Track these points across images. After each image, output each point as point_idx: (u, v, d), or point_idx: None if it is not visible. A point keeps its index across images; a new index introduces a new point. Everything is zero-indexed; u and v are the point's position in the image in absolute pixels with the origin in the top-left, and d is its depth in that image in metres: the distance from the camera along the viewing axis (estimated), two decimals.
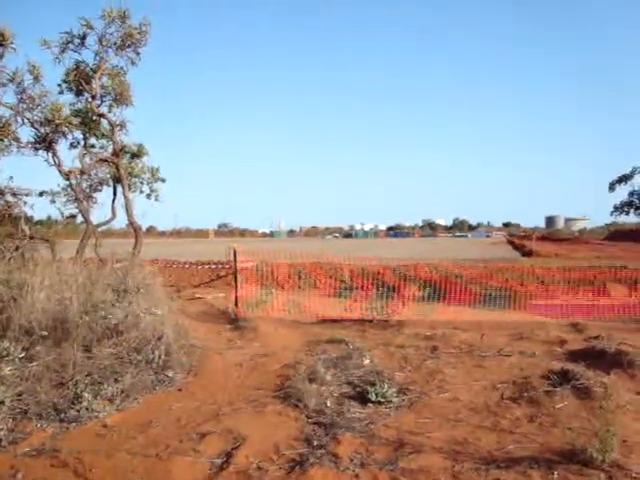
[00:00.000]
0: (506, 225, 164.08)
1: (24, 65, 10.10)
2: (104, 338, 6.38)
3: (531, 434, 4.67)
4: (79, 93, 11.54)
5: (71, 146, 12.20)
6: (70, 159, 15.39)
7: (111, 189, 12.97)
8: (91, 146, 12.68)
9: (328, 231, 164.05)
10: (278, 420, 5.07)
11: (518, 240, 66.97)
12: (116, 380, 5.68)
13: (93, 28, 10.53)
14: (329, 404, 5.42)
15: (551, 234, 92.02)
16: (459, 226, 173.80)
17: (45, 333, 5.90)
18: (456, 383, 6.21)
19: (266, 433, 4.69)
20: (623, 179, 30.05)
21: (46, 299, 6.53)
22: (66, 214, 12.61)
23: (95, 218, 12.22)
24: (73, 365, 5.70)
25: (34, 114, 10.33)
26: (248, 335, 9.20)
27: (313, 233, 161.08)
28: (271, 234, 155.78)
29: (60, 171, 10.89)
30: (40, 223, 13.12)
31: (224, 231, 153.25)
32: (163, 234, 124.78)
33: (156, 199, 13.44)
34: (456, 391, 5.91)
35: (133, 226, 11.82)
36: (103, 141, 12.84)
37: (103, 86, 11.22)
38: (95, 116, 11.63)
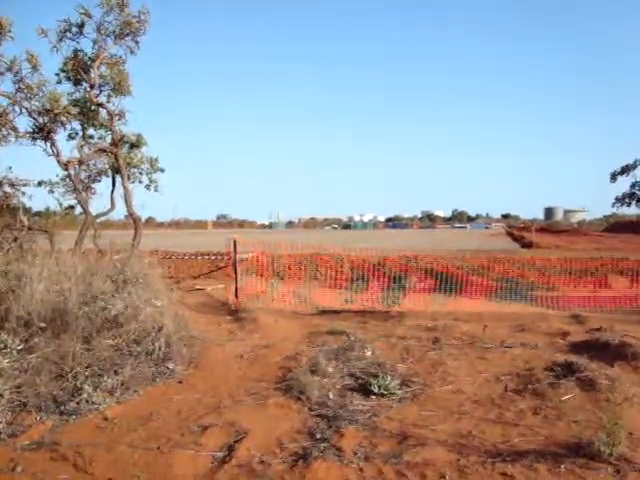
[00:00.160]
0: (505, 216, 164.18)
1: (22, 54, 9.97)
2: (103, 329, 6.31)
3: (536, 427, 4.62)
4: (77, 83, 11.39)
5: (69, 137, 12.07)
6: (68, 149, 15.27)
7: (110, 180, 12.84)
8: (89, 137, 12.54)
9: (327, 222, 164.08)
10: (280, 413, 5.01)
11: (517, 231, 66.91)
12: (116, 372, 5.62)
13: (91, 16, 10.38)
14: (331, 396, 5.37)
15: (550, 226, 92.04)
16: (458, 217, 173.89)
17: (44, 325, 5.82)
18: (459, 375, 6.16)
19: (268, 426, 4.63)
20: (625, 170, 29.98)
21: (45, 290, 6.45)
22: (65, 205, 12.49)
23: (94, 209, 12.09)
24: (72, 357, 5.64)
25: (32, 103, 10.21)
26: (248, 326, 9.15)
27: (312, 224, 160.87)
28: (270, 225, 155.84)
29: (59, 161, 10.78)
30: (38, 214, 13.01)
31: (223, 222, 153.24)
32: (162, 225, 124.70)
33: (155, 190, 13.29)
34: (459, 383, 5.86)
35: (132, 217, 11.72)
36: (101, 131, 12.69)
37: (102, 75, 11.08)
38: (94, 106, 11.48)
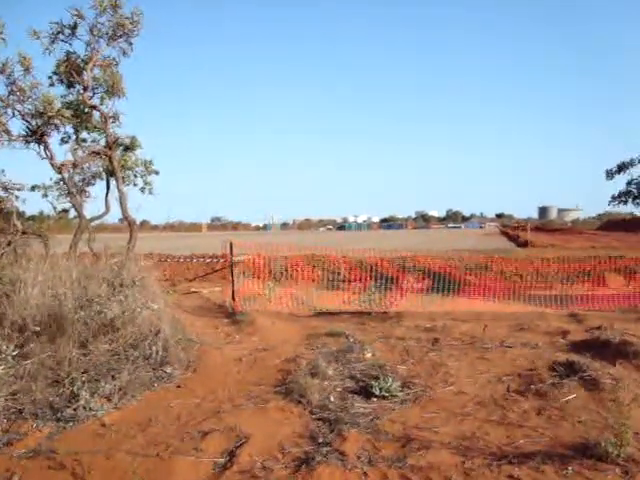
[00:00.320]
0: (499, 216, 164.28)
1: (14, 56, 9.85)
2: (100, 334, 6.23)
3: (540, 428, 4.58)
4: (70, 85, 11.28)
5: (62, 141, 11.97)
6: (62, 153, 15.17)
7: (104, 183, 12.75)
8: (82, 140, 12.44)
9: (321, 223, 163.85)
10: (281, 416, 4.94)
11: (512, 231, 66.96)
12: (113, 377, 5.55)
13: (84, 18, 10.25)
14: (332, 399, 5.30)
15: (544, 225, 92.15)
16: (452, 217, 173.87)
17: (38, 329, 5.74)
18: (460, 376, 6.10)
19: (269, 430, 4.56)
20: (622, 168, 30.07)
21: (40, 295, 6.37)
22: (59, 208, 12.40)
23: (88, 212, 12.01)
24: (69, 362, 5.57)
25: (25, 106, 10.06)
26: (246, 329, 9.06)
27: (306, 226, 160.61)
28: (264, 227, 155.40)
29: (52, 164, 10.65)
30: (32, 218, 12.90)
31: (217, 225, 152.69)
32: (156, 228, 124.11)
33: (150, 192, 13.19)
34: (461, 384, 5.81)
35: (128, 220, 11.60)
36: (95, 134, 12.59)
37: (95, 77, 10.97)
38: (87, 108, 11.37)
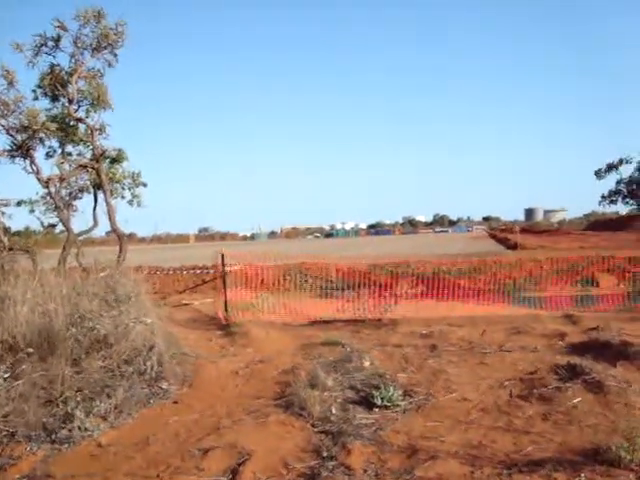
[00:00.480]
0: (486, 219, 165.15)
1: None
2: (93, 351, 6.07)
3: (547, 433, 4.50)
4: (55, 98, 11.15)
5: (47, 155, 11.82)
6: (47, 167, 14.98)
7: (91, 196, 12.60)
8: (68, 154, 12.28)
9: (309, 231, 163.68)
10: (282, 431, 4.82)
11: (500, 233, 67.28)
12: (108, 395, 5.39)
13: (67, 30, 10.16)
14: (334, 411, 5.18)
15: (532, 226, 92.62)
16: (439, 222, 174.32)
17: (31, 350, 5.57)
18: (462, 382, 6.02)
19: (271, 445, 4.44)
20: (612, 168, 30.42)
21: (29, 312, 6.21)
22: (46, 223, 12.22)
23: (75, 226, 11.85)
24: (62, 381, 5.40)
25: (9, 120, 9.95)
26: (240, 341, 8.93)
27: (294, 234, 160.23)
28: (252, 237, 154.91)
29: (39, 179, 10.50)
30: (17, 234, 12.71)
31: (204, 235, 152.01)
32: (143, 240, 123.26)
33: (138, 205, 13.04)
34: (463, 391, 5.73)
35: (117, 233, 11.45)
36: (81, 147, 12.45)
37: (80, 90, 10.85)
38: (73, 121, 11.25)
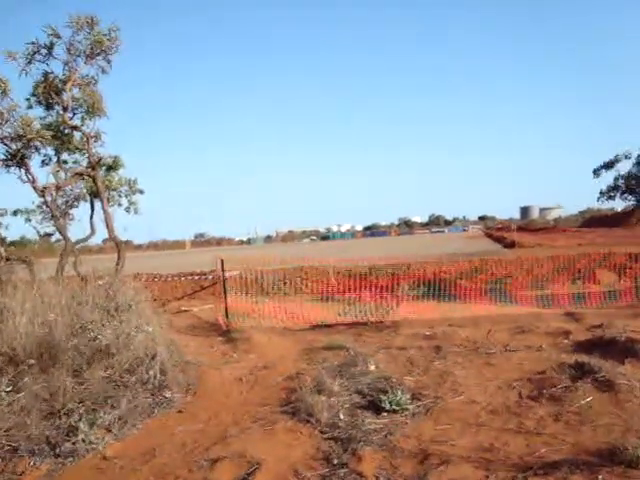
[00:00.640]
0: (482, 218, 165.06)
1: None
2: (94, 361, 5.99)
3: (560, 434, 4.43)
4: (49, 106, 11.08)
5: (43, 163, 11.75)
6: (43, 175, 14.89)
7: (88, 204, 12.53)
8: (64, 162, 12.20)
9: (305, 234, 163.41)
10: (291, 438, 4.74)
11: (496, 232, 67.23)
12: (112, 406, 5.31)
13: (60, 37, 10.08)
14: (342, 416, 5.10)
15: (528, 224, 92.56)
16: (435, 222, 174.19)
17: (32, 362, 5.48)
18: (469, 384, 5.95)
19: (280, 454, 4.36)
20: (610, 165, 30.53)
21: (29, 323, 6.12)
22: (42, 232, 12.13)
23: (72, 235, 11.77)
24: (63, 392, 5.31)
25: (4, 130, 9.86)
26: (242, 346, 8.85)
27: (290, 237, 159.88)
28: (248, 241, 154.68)
29: (35, 188, 10.42)
30: (13, 244, 12.62)
31: (200, 241, 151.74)
32: (139, 247, 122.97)
33: (135, 212, 12.99)
34: (471, 393, 5.65)
35: (115, 241, 11.37)
36: (76, 155, 12.39)
37: (74, 97, 10.77)
38: (68, 129, 11.17)
